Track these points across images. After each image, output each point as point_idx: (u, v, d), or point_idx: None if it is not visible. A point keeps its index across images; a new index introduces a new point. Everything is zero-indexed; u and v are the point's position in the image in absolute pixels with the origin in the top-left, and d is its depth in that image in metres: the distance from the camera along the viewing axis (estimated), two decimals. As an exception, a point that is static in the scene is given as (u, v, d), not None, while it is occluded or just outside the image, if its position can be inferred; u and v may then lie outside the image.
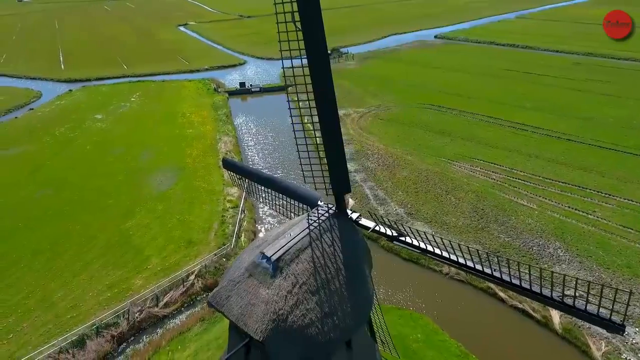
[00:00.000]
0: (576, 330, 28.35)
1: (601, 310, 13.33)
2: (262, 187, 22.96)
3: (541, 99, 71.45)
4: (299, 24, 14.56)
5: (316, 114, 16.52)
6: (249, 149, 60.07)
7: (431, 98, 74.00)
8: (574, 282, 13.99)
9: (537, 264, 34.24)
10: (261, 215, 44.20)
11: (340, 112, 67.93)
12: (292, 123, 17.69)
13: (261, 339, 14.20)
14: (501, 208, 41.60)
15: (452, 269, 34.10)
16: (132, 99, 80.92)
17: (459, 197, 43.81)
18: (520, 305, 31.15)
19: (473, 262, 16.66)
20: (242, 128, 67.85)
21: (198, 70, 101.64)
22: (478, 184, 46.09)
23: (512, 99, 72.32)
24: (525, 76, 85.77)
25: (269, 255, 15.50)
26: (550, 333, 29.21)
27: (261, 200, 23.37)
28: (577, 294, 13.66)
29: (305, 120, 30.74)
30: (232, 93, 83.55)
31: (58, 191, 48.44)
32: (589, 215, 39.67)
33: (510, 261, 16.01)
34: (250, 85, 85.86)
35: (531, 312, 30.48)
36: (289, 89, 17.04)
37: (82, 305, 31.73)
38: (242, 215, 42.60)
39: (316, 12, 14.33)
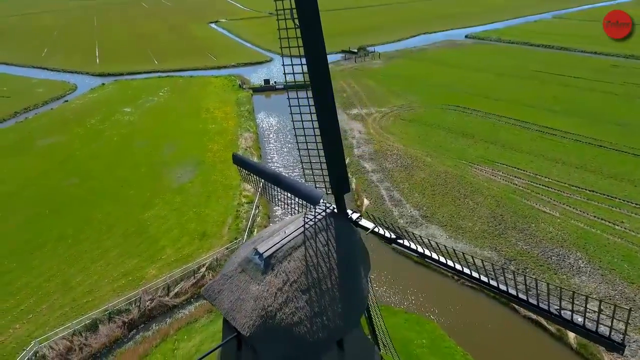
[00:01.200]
0: (592, 346, 27.01)
1: (601, 327, 12.65)
2: (268, 184, 23.06)
3: (573, 103, 68.41)
4: (297, 21, 14.50)
5: (315, 112, 16.36)
6: (268, 146, 60.59)
7: (456, 99, 72.24)
8: (572, 295, 13.29)
9: (555, 274, 32.89)
10: (275, 211, 44.47)
11: (362, 111, 67.63)
12: (293, 121, 17.60)
13: (248, 334, 14.28)
14: (521, 214, 40.14)
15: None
16: (160, 94, 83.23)
17: (477, 202, 42.59)
18: (534, 317, 29.96)
19: (470, 269, 16.10)
20: (264, 125, 68.50)
21: (225, 67, 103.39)
22: (498, 188, 44.65)
23: (541, 101, 69.58)
24: (557, 78, 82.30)
25: (261, 252, 15.55)
26: (564, 347, 28.02)
27: (267, 196, 23.50)
28: (574, 308, 12.98)
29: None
30: (256, 90, 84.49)
31: (84, 180, 50.48)
32: (616, 226, 37.67)
33: (505, 270, 15.33)
34: (275, 82, 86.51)
35: (545, 324, 29.28)
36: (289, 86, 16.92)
37: (97, 290, 32.97)
38: (257, 210, 43.02)
39: (313, 10, 14.23)
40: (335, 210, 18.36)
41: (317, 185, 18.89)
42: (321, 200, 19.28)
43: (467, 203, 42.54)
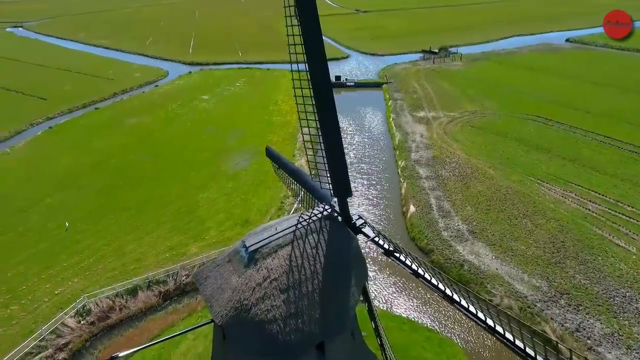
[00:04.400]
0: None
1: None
2: (291, 179, 23.43)
3: (686, 123, 58.23)
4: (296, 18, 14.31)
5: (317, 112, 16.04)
6: (327, 142, 60.74)
7: (538, 108, 65.65)
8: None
9: (614, 317, 28.53)
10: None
11: (429, 115, 64.81)
12: (299, 119, 17.43)
13: (220, 323, 14.62)
14: (587, 244, 35.37)
15: (505, 300, 30.59)
16: (237, 84, 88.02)
17: (537, 224, 38.42)
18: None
19: (459, 296, 14.65)
20: (327, 120, 68.83)
21: (301, 62, 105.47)
22: (566, 212, 39.80)
23: (644, 118, 60.34)
24: (672, 93, 70.56)
25: (247, 245, 15.76)
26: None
27: (290, 190, 23.85)
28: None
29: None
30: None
31: (155, 158, 55.53)
32: None
33: (498, 308, 13.69)
34: (346, 79, 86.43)
35: (588, 369, 25.64)
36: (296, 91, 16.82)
37: (144, 259, 36.18)
38: (300, 205, 43.53)
39: (312, 11, 13.97)
40: (336, 213, 17.91)
41: (322, 187, 18.60)
42: (330, 202, 18.99)
43: (524, 224, 38.61)
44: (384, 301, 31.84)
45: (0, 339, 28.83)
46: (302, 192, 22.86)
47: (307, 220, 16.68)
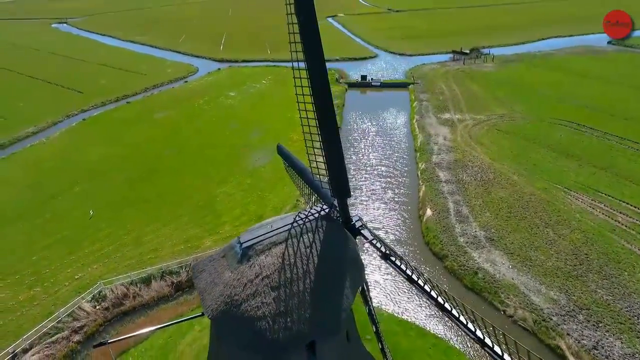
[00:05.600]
0: None
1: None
2: (299, 178, 23.43)
3: None
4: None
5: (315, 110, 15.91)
6: (348, 142, 60.36)
7: (572, 113, 62.73)
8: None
9: (637, 337, 26.88)
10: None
11: (455, 117, 63.32)
12: (300, 117, 17.35)
13: (210, 316, 14.80)
14: (613, 258, 33.50)
15: (519, 311, 29.52)
16: (263, 81, 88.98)
17: (560, 234, 36.73)
18: (593, 380, 25.14)
19: (451, 306, 14.14)
20: (349, 120, 68.54)
21: (329, 60, 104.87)
22: (593, 223, 37.85)
23: (689, 127, 56.45)
24: None
25: (242, 241, 15.86)
26: None
27: (298, 189, 23.90)
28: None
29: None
30: (351, 85, 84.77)
31: (179, 152, 56.99)
32: None
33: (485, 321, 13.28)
34: (372, 78, 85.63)
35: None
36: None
37: (160, 250, 37.22)
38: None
39: (310, 11, 13.87)
40: (337, 214, 17.75)
41: (322, 187, 18.47)
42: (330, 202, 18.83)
43: (546, 233, 37.00)
44: (392, 305, 31.32)
45: (23, 318, 30.43)
46: (309, 192, 22.82)
47: (304, 220, 16.61)
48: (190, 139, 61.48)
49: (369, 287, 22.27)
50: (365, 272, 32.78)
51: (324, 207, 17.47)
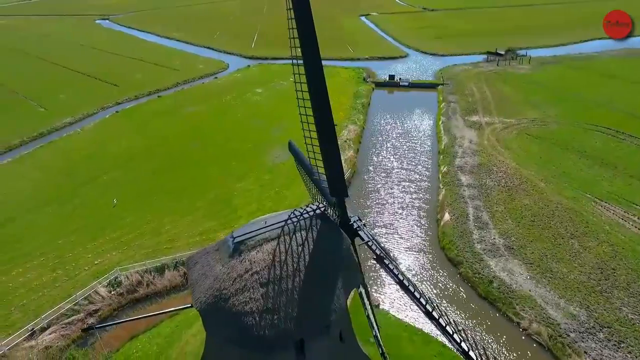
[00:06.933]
0: None
1: None
2: (306, 175, 23.32)
3: None
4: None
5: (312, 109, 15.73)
6: (370, 142, 59.57)
7: (609, 119, 59.24)
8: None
9: (662, 361, 25.03)
10: (347, 205, 43.96)
11: (483, 120, 61.41)
12: (301, 118, 17.19)
13: (198, 308, 14.95)
14: (643, 275, 31.36)
15: (533, 324, 28.25)
16: (290, 79, 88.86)
17: (586, 246, 34.75)
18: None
19: (438, 314, 13.58)
20: (374, 120, 67.70)
21: (358, 59, 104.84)
22: (624, 236, 35.57)
23: None
24: None
25: (235, 236, 15.92)
26: None
27: (305, 187, 23.81)
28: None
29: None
30: (379, 84, 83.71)
31: (204, 146, 58.23)
32: None
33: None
34: (400, 78, 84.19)
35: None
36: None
37: (177, 241, 38.15)
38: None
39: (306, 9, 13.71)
40: (336, 214, 17.50)
41: (322, 186, 18.28)
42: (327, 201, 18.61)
43: (570, 244, 35.12)
44: (399, 309, 30.68)
45: (44, 298, 32.01)
46: (315, 190, 22.64)
47: (298, 217, 16.48)
48: (215, 133, 62.70)
49: (368, 290, 21.81)
50: (371, 274, 32.25)
51: (320, 205, 17.26)
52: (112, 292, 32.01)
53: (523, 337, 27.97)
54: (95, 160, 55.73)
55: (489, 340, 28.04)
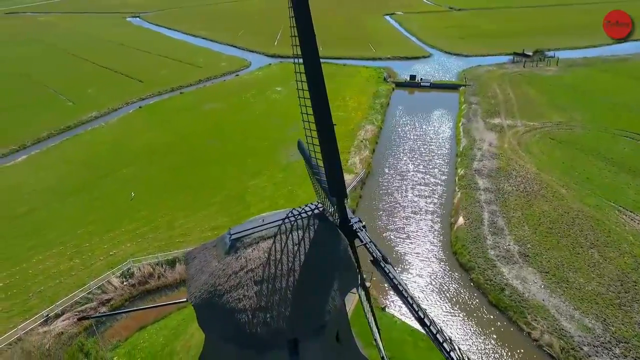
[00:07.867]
0: None
1: None
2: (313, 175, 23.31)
3: None
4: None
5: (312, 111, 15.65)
6: (387, 143, 58.92)
7: (638, 124, 56.57)
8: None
9: (682, 381, 23.72)
10: (360, 207, 43.68)
11: (505, 122, 59.91)
12: (301, 112, 17.12)
13: (192, 303, 15.11)
14: (666, 289, 29.81)
15: (545, 335, 27.33)
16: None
17: (607, 256, 33.32)
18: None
19: (429, 321, 13.21)
20: (392, 120, 66.91)
21: (380, 59, 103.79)
22: (648, 248, 33.94)
23: None
24: None
25: (232, 233, 16.00)
26: None
27: (313, 187, 23.78)
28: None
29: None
30: (399, 84, 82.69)
31: (222, 143, 59.02)
32: None
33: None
34: (421, 79, 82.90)
35: None
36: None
37: (189, 235, 38.80)
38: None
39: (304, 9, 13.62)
40: (337, 214, 17.35)
41: (322, 185, 18.15)
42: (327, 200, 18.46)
43: (590, 254, 33.75)
44: (406, 314, 30.18)
45: (60, 286, 33.18)
46: (321, 191, 22.58)
47: (295, 216, 16.42)
48: (234, 130, 63.44)
49: (369, 292, 21.56)
50: (379, 277, 31.73)
51: (318, 205, 17.15)
52: (125, 283, 32.87)
53: (533, 349, 27.07)
54: (117, 154, 57.33)
55: (496, 349, 27.29)
